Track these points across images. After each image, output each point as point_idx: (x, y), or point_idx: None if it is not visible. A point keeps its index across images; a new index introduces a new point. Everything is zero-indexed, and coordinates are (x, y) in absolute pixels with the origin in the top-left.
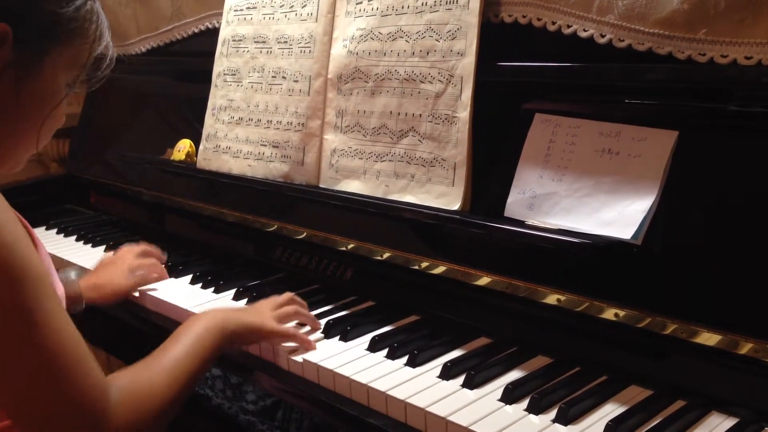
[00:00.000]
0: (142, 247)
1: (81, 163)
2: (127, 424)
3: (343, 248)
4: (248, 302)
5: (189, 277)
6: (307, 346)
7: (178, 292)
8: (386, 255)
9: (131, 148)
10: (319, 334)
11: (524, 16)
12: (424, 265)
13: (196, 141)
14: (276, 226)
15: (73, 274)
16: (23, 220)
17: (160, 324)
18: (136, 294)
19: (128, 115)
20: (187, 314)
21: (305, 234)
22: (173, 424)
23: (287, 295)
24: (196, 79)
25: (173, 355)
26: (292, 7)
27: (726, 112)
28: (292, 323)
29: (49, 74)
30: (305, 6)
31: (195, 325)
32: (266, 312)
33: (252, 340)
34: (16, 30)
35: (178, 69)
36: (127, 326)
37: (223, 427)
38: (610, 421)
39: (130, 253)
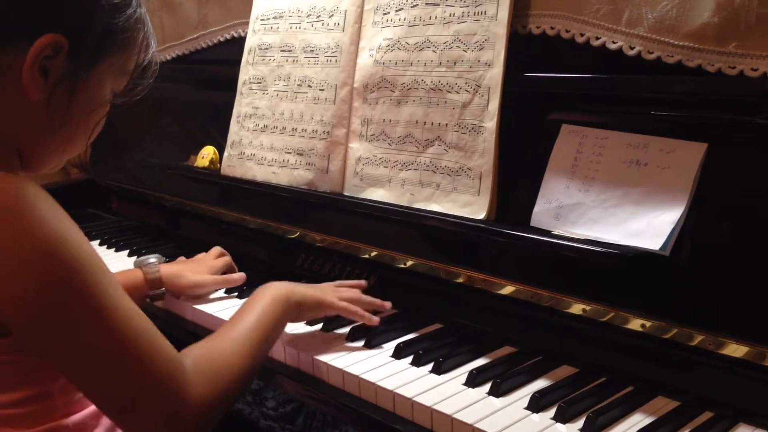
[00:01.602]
0: (218, 249)
1: (103, 168)
2: (205, 395)
3: (366, 256)
4: None
5: None
6: (369, 322)
7: None
8: (410, 263)
9: (153, 155)
10: (343, 340)
11: (552, 28)
12: (448, 273)
13: (219, 148)
14: (299, 233)
15: (153, 259)
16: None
17: (191, 330)
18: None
19: (150, 122)
20: (209, 317)
21: (328, 241)
22: None
23: (354, 282)
24: (219, 87)
25: (244, 326)
26: (319, 17)
27: (755, 125)
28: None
29: (99, 83)
30: (332, 16)
31: (261, 297)
32: (328, 289)
33: (314, 314)
34: (71, 41)
35: (202, 77)
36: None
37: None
38: (638, 431)
39: (208, 255)
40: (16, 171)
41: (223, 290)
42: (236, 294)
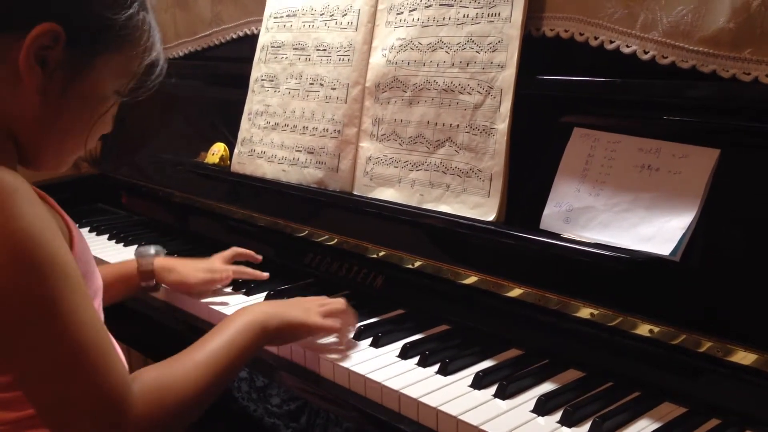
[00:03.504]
0: (231, 251)
1: (113, 163)
2: (147, 419)
3: (375, 255)
4: None
5: None
6: (348, 345)
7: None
8: (418, 263)
9: (163, 151)
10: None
11: (566, 31)
12: (456, 274)
13: (229, 145)
14: (307, 232)
15: (152, 250)
16: (63, 213)
17: (194, 324)
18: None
19: (161, 118)
20: (218, 315)
21: (337, 240)
22: (200, 424)
23: (339, 299)
24: (231, 84)
25: (206, 352)
26: (332, 15)
27: None
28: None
29: (97, 78)
30: (345, 15)
31: (236, 321)
32: (312, 307)
33: (295, 338)
34: (68, 31)
35: (214, 74)
36: (162, 325)
37: (248, 429)
38: None
39: (220, 256)
40: (13, 164)
41: (231, 287)
42: (244, 291)
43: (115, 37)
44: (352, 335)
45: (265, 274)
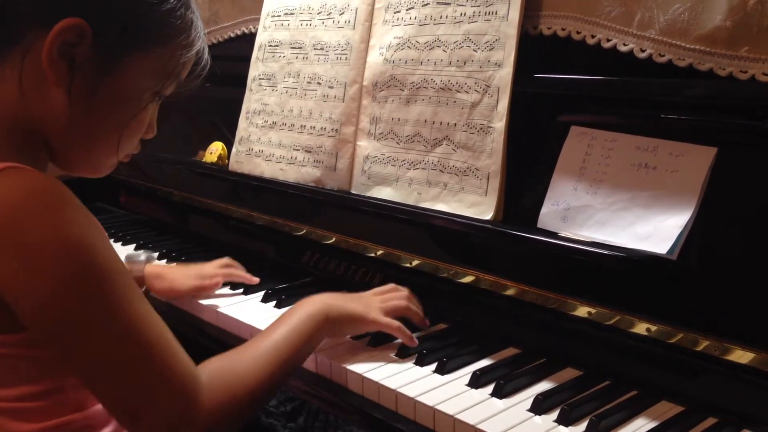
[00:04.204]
0: (225, 260)
1: None
2: (217, 408)
3: (372, 254)
4: (276, 305)
5: None
6: (410, 343)
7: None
8: (415, 262)
9: (161, 150)
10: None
11: (563, 29)
12: (454, 273)
13: (227, 144)
14: (305, 230)
15: (142, 257)
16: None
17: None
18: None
19: (159, 116)
20: (214, 313)
21: (334, 239)
22: None
23: (403, 290)
24: (229, 83)
25: (271, 340)
26: (329, 14)
27: (766, 130)
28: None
29: (128, 77)
30: (343, 14)
31: (298, 311)
32: (373, 303)
33: (355, 330)
34: (94, 27)
35: (211, 72)
36: None
37: (245, 428)
38: None
39: (210, 263)
40: (44, 168)
41: (229, 287)
42: (241, 290)
43: (147, 34)
44: (413, 342)
45: (256, 279)
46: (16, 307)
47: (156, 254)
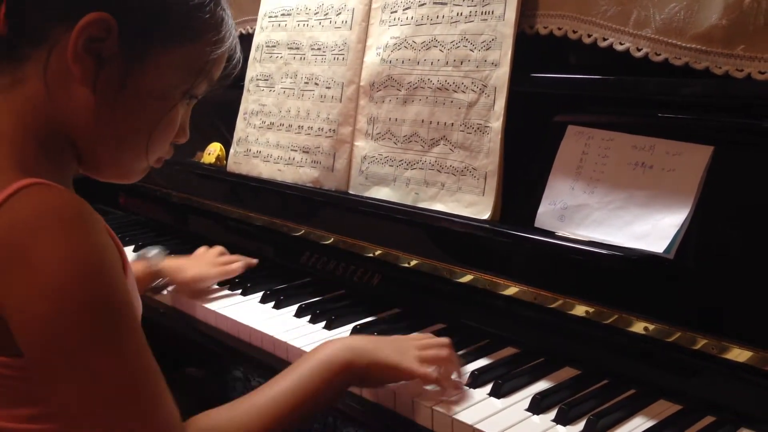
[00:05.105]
0: (220, 248)
1: None
2: None
3: (371, 254)
4: (275, 306)
5: None
6: (456, 392)
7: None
8: (414, 262)
9: None
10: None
11: (560, 29)
12: (452, 273)
13: (225, 145)
14: (303, 231)
15: (155, 251)
16: (114, 236)
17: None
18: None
19: None
20: (213, 314)
21: (333, 239)
22: None
23: (443, 339)
24: (227, 84)
25: (273, 393)
26: (326, 14)
27: (762, 129)
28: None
29: (155, 73)
30: (340, 14)
31: (312, 358)
32: (410, 349)
33: (387, 380)
34: (120, 22)
35: None
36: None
37: None
38: None
39: (210, 252)
40: (69, 172)
41: (227, 288)
42: (240, 291)
43: (174, 28)
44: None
45: (255, 260)
46: (11, 323)
47: (167, 251)
